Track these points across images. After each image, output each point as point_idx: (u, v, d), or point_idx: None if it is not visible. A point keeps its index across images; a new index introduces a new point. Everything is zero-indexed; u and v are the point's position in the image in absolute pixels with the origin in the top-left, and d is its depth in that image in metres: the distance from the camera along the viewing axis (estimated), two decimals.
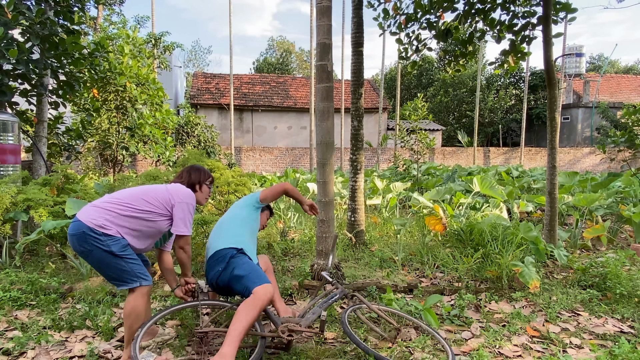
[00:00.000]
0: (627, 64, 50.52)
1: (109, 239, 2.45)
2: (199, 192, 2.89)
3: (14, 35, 5.00)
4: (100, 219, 2.47)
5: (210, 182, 2.95)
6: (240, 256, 2.79)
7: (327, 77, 3.96)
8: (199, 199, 2.90)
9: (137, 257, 2.59)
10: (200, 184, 2.88)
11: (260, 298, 2.51)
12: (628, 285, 3.72)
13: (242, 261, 2.75)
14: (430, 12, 5.44)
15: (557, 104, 4.68)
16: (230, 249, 2.81)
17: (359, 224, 5.08)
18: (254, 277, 2.62)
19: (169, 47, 14.43)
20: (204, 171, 2.94)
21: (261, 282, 2.59)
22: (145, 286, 2.56)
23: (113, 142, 7.73)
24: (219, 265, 2.74)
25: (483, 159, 25.00)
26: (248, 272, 2.65)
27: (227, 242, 2.86)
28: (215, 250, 2.84)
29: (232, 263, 2.73)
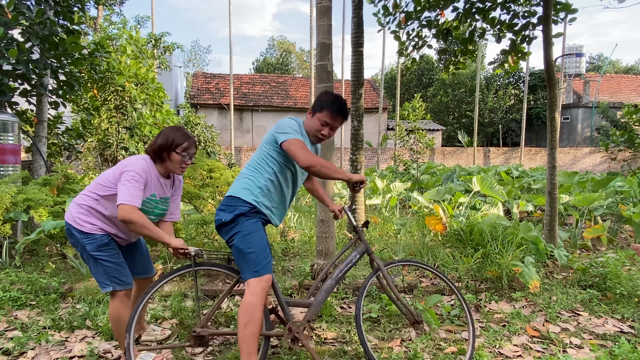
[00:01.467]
0: (627, 64, 50.55)
1: (84, 236, 2.37)
2: (168, 161, 2.45)
3: (14, 35, 4.99)
4: (75, 215, 2.40)
5: (185, 149, 2.45)
6: (251, 219, 2.34)
7: (327, 77, 3.96)
8: (170, 169, 2.49)
9: (117, 259, 2.44)
10: (169, 151, 2.42)
11: (255, 293, 2.23)
12: (628, 285, 3.72)
13: (249, 228, 2.31)
14: (430, 10, 5.44)
15: (557, 104, 4.68)
16: (243, 202, 2.34)
17: (359, 224, 5.08)
18: (254, 261, 2.27)
19: (169, 47, 14.42)
20: (176, 135, 2.45)
21: (259, 272, 2.27)
22: (120, 291, 2.43)
23: (113, 142, 7.73)
24: (225, 214, 2.34)
25: (483, 159, 25.01)
26: (249, 250, 2.27)
27: (240, 187, 2.39)
28: (229, 193, 2.42)
29: (237, 224, 2.31)
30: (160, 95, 8.08)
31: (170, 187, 2.59)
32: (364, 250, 2.64)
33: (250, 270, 2.28)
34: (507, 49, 5.38)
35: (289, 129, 2.35)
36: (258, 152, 2.49)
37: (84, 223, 2.38)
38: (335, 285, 2.53)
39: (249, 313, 2.22)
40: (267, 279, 2.30)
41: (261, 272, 2.28)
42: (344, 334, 3.06)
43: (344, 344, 2.92)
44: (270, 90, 24.81)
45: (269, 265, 2.34)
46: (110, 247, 2.43)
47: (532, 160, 25.14)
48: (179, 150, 2.43)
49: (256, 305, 2.23)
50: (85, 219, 2.38)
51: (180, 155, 2.44)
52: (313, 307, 2.48)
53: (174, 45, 14.57)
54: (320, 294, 2.50)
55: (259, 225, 2.38)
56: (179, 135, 2.45)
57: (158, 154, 2.44)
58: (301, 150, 2.28)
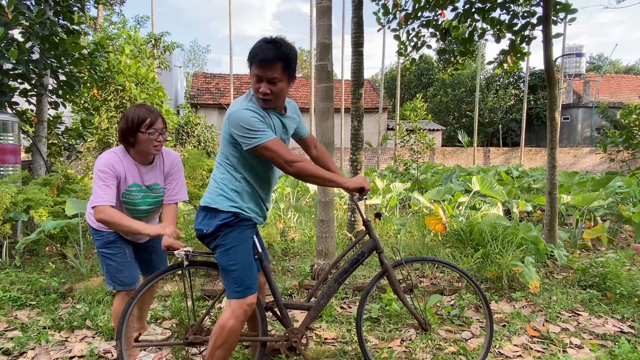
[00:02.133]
0: (627, 64, 50.57)
1: (94, 233, 2.42)
2: (138, 144, 2.27)
3: (14, 35, 4.99)
4: (89, 210, 2.43)
5: (149, 126, 2.24)
6: (234, 229, 2.06)
7: (327, 77, 3.96)
8: (142, 152, 2.30)
9: (121, 258, 2.41)
10: (133, 132, 2.24)
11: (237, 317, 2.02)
12: (628, 285, 3.71)
13: (232, 242, 2.05)
14: (430, 9, 5.44)
15: (557, 104, 4.68)
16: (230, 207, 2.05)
17: (359, 224, 5.08)
18: (236, 280, 2.04)
19: (169, 47, 14.42)
20: (135, 114, 2.24)
21: (242, 293, 2.03)
22: (121, 291, 2.44)
23: (113, 142, 7.73)
24: (205, 225, 2.07)
25: (483, 159, 25.01)
26: (231, 268, 2.04)
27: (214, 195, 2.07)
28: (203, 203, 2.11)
29: (219, 237, 2.06)
30: (160, 95, 8.07)
31: (158, 171, 2.44)
32: (373, 247, 2.36)
33: (232, 289, 2.05)
34: (506, 49, 5.38)
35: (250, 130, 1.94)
36: (222, 148, 2.13)
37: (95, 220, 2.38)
38: (337, 287, 2.35)
39: (224, 336, 2.03)
40: (251, 301, 2.07)
41: (245, 293, 2.04)
42: (344, 333, 3.06)
43: (344, 344, 2.92)
44: None
45: (254, 285, 2.09)
46: (116, 245, 2.41)
47: (532, 160, 25.14)
48: (143, 128, 2.24)
49: (234, 329, 2.03)
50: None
51: (146, 133, 2.24)
52: (313, 311, 2.31)
53: (174, 45, 14.56)
54: (322, 297, 2.32)
55: (245, 235, 2.10)
56: (139, 112, 2.25)
57: (124, 139, 2.28)
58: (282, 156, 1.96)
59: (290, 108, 2.27)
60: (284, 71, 1.99)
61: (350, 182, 2.14)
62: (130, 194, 2.35)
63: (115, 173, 2.26)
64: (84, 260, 4.14)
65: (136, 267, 2.53)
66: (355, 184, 2.15)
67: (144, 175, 2.38)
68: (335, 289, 2.33)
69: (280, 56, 1.96)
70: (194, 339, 2.25)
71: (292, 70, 2.04)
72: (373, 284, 2.44)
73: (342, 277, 2.34)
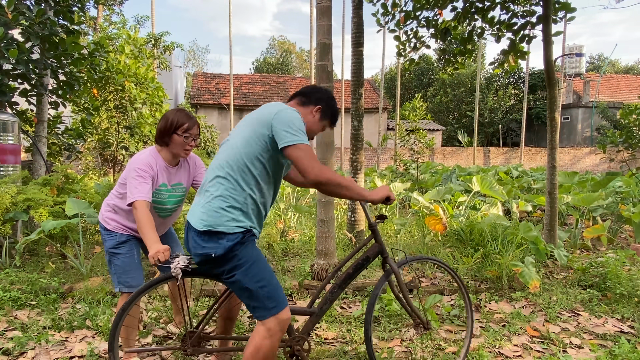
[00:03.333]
0: (627, 64, 50.58)
1: (107, 233, 2.47)
2: (172, 144, 2.41)
3: (14, 35, 4.99)
4: (104, 213, 2.51)
5: (186, 130, 2.38)
6: (247, 245, 1.92)
7: (327, 77, 3.96)
8: (175, 153, 2.44)
9: (129, 259, 2.45)
10: (170, 133, 2.38)
11: (273, 335, 1.89)
12: (628, 285, 3.72)
13: (250, 257, 1.91)
14: (429, 9, 5.44)
15: (557, 104, 4.68)
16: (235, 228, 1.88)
17: (359, 223, 5.08)
18: (268, 297, 1.89)
19: (168, 47, 14.42)
20: (175, 117, 2.39)
21: (278, 308, 1.90)
22: (125, 293, 2.44)
23: (113, 141, 7.73)
24: (213, 247, 1.88)
25: (483, 159, 25.02)
26: (259, 285, 1.89)
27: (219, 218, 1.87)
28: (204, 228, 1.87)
29: (235, 257, 1.89)
30: (160, 95, 8.07)
31: (183, 172, 2.57)
32: (378, 251, 2.33)
33: (266, 308, 1.89)
34: (506, 48, 5.38)
35: (298, 130, 1.88)
36: (233, 153, 1.93)
37: (109, 220, 2.48)
38: (340, 292, 2.30)
39: (261, 358, 1.88)
40: (287, 314, 1.93)
41: (279, 308, 1.90)
42: (344, 333, 3.06)
43: (344, 344, 2.92)
44: (270, 90, 24.81)
45: (285, 296, 1.96)
46: (126, 246, 2.47)
47: (532, 160, 25.14)
48: (180, 131, 2.39)
49: (272, 349, 1.89)
50: (111, 216, 2.48)
51: (182, 136, 2.40)
52: (315, 317, 2.25)
53: (174, 44, 14.56)
54: (324, 302, 2.27)
55: (258, 250, 1.99)
56: (179, 116, 2.41)
57: (161, 138, 2.42)
58: (313, 161, 1.84)
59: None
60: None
61: (376, 194, 2.05)
62: (159, 193, 2.44)
63: (152, 172, 2.37)
64: (84, 260, 4.14)
65: (142, 270, 2.57)
66: (382, 195, 2.06)
67: (172, 176, 2.50)
68: (338, 294, 2.30)
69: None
70: (193, 351, 2.16)
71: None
72: (380, 287, 2.39)
73: (346, 282, 2.30)
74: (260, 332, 1.90)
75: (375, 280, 4.00)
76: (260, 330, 1.91)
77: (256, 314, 1.93)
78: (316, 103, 2.14)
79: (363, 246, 2.37)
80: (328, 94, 2.21)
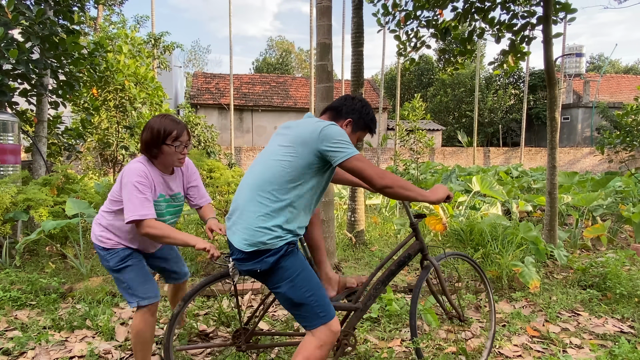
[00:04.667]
0: (627, 64, 50.60)
1: (107, 253, 2.28)
2: (161, 155, 2.19)
3: (14, 35, 4.99)
4: (97, 233, 2.31)
5: (176, 138, 2.16)
6: (291, 254, 1.91)
7: (327, 77, 3.96)
8: (166, 163, 2.24)
9: (139, 271, 2.30)
10: (158, 144, 2.15)
11: (324, 345, 1.85)
12: (628, 285, 3.72)
13: (296, 268, 1.90)
14: (429, 9, 5.44)
15: (557, 104, 4.68)
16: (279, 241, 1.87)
17: (359, 223, 5.08)
18: (317, 305, 1.87)
19: (168, 47, 14.43)
20: (161, 125, 2.16)
21: (328, 317, 1.87)
22: (143, 306, 2.27)
23: (113, 141, 7.73)
24: (257, 263, 1.89)
25: (483, 159, 25.01)
26: (307, 295, 1.87)
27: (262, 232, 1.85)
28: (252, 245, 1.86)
29: (280, 270, 1.89)
30: (160, 95, 8.07)
31: (178, 181, 2.39)
32: (419, 249, 2.40)
33: (316, 316, 1.87)
34: (506, 49, 5.38)
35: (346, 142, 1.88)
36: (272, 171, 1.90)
37: (105, 240, 2.29)
38: (384, 288, 2.35)
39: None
40: (337, 325, 1.92)
41: (329, 316, 1.89)
42: None
43: None
44: (270, 90, 24.81)
45: (331, 305, 1.94)
46: (132, 258, 2.30)
47: (532, 160, 25.14)
48: (169, 141, 2.15)
49: (323, 358, 1.87)
50: (106, 235, 2.29)
51: (172, 146, 2.16)
52: (360, 312, 2.29)
53: (174, 44, 14.57)
54: (368, 298, 2.30)
55: (304, 259, 1.97)
56: (165, 124, 2.16)
57: (148, 150, 2.19)
58: (374, 168, 1.85)
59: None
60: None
61: (436, 194, 2.04)
62: (158, 204, 2.25)
63: (150, 183, 2.17)
64: (84, 260, 4.14)
65: (154, 279, 2.42)
66: (442, 195, 2.06)
67: (169, 185, 2.32)
68: (382, 290, 2.35)
69: None
70: (248, 346, 2.27)
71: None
72: (422, 281, 2.45)
73: (389, 278, 2.35)
74: (311, 342, 1.87)
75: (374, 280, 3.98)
76: (310, 340, 1.87)
77: (305, 323, 1.91)
78: (346, 116, 2.12)
79: (404, 244, 2.43)
80: (360, 104, 2.15)
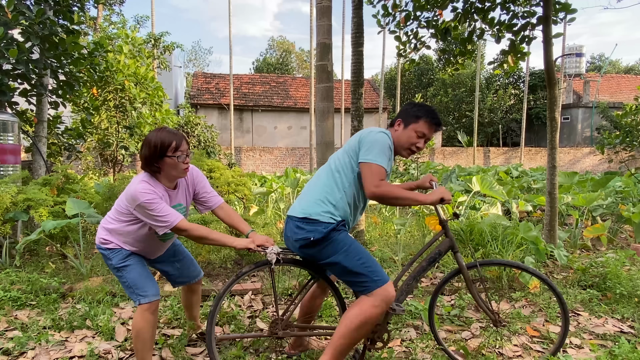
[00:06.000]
0: (627, 64, 50.61)
1: (110, 252, 2.31)
2: (165, 168, 2.19)
3: (14, 35, 4.99)
4: (102, 236, 2.34)
5: (176, 149, 2.15)
6: (342, 232, 2.19)
7: (327, 77, 3.96)
8: (170, 176, 2.24)
9: (140, 269, 2.32)
10: (159, 158, 2.15)
11: (379, 306, 2.07)
12: (628, 285, 3.71)
13: (347, 241, 2.16)
14: (429, 10, 5.44)
15: (557, 104, 4.68)
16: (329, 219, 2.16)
17: (359, 223, 5.08)
18: (372, 271, 2.10)
19: (168, 47, 14.43)
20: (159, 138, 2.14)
21: (382, 280, 2.10)
22: (144, 304, 2.26)
23: (113, 141, 7.73)
24: (312, 233, 2.15)
25: (483, 159, 25.01)
26: (361, 262, 2.11)
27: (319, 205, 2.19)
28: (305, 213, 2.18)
29: (333, 242, 2.15)
30: (160, 95, 8.08)
31: (182, 191, 2.38)
32: (449, 246, 2.46)
33: (372, 280, 2.10)
34: (506, 49, 5.38)
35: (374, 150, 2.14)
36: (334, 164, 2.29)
37: (108, 242, 2.31)
38: (416, 284, 2.44)
39: (363, 320, 2.06)
40: (392, 289, 2.12)
41: (384, 280, 2.11)
42: None
43: None
44: (270, 90, 24.81)
45: (385, 273, 2.17)
46: (133, 257, 2.33)
47: (532, 160, 25.14)
48: (170, 152, 2.15)
49: (374, 317, 2.08)
50: (110, 238, 2.31)
51: (174, 157, 2.15)
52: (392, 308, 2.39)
53: (174, 44, 14.58)
54: (401, 293, 2.38)
55: (350, 235, 2.24)
56: (162, 136, 2.15)
57: (149, 166, 2.18)
58: (374, 179, 2.10)
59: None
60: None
61: (431, 197, 2.22)
62: None
63: (159, 196, 2.17)
64: (84, 260, 4.14)
65: (154, 278, 2.42)
66: (437, 197, 2.22)
67: (172, 199, 2.31)
68: (415, 286, 2.44)
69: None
70: (284, 334, 2.37)
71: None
72: (446, 281, 2.57)
73: (420, 274, 2.43)
74: (367, 300, 2.08)
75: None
76: (367, 299, 2.08)
77: (361, 288, 2.11)
78: (397, 118, 2.38)
79: (435, 241, 2.50)
80: (409, 105, 2.37)
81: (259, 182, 10.00)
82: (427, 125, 2.28)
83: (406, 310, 3.37)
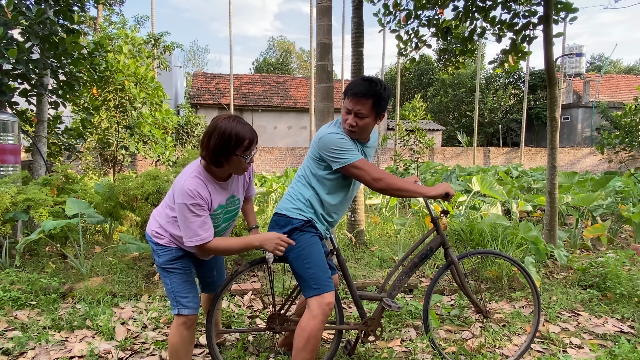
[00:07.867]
0: (627, 64, 50.62)
1: (160, 248, 2.15)
2: (227, 166, 1.97)
3: (14, 35, 4.99)
4: (153, 228, 2.18)
5: (247, 148, 1.93)
6: (305, 234, 2.19)
7: (327, 77, 3.96)
8: (224, 174, 2.07)
9: (186, 277, 2.17)
10: (228, 154, 1.92)
11: (316, 317, 2.06)
12: (628, 285, 3.71)
13: (303, 245, 2.16)
14: (430, 8, 5.44)
15: (557, 104, 4.68)
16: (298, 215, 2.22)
17: (359, 223, 5.08)
18: (312, 278, 2.11)
19: (168, 47, 14.43)
20: (233, 131, 1.89)
21: (320, 290, 2.09)
22: (182, 315, 2.12)
23: (113, 141, 7.73)
24: (278, 229, 2.25)
25: (483, 159, 25.00)
26: (306, 266, 2.13)
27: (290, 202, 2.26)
28: (277, 209, 2.29)
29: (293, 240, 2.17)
30: (160, 95, 8.07)
31: (238, 182, 2.22)
32: (440, 243, 2.50)
33: (310, 287, 2.11)
34: (507, 48, 5.38)
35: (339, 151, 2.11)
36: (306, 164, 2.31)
37: (161, 236, 2.16)
38: (407, 279, 2.48)
39: (306, 337, 2.06)
40: (329, 298, 2.09)
41: (322, 290, 2.09)
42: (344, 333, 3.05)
43: None
44: (270, 90, 24.80)
45: (330, 283, 2.14)
46: (182, 261, 2.17)
47: (532, 160, 25.13)
48: (240, 151, 1.92)
49: (315, 330, 2.06)
50: (162, 232, 2.16)
51: (242, 156, 1.94)
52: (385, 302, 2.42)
53: (174, 44, 14.57)
54: (393, 288, 2.44)
55: (316, 239, 2.22)
56: (238, 130, 1.90)
57: (215, 158, 1.93)
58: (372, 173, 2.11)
59: (373, 139, 2.41)
60: (372, 108, 2.14)
61: (435, 190, 2.23)
62: (215, 217, 2.11)
63: (205, 202, 1.99)
64: (84, 260, 4.13)
65: (197, 289, 2.28)
66: (441, 191, 2.24)
67: (225, 190, 2.14)
68: (406, 281, 2.47)
69: (372, 93, 2.12)
70: (281, 328, 2.41)
71: (382, 109, 2.18)
72: (438, 277, 2.58)
73: (412, 270, 2.47)
74: (305, 315, 2.11)
75: (374, 279, 4.00)
76: (305, 313, 2.12)
77: (303, 292, 2.17)
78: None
79: (426, 238, 2.52)
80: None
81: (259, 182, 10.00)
82: (348, 99, 2.15)
83: (406, 310, 3.37)
